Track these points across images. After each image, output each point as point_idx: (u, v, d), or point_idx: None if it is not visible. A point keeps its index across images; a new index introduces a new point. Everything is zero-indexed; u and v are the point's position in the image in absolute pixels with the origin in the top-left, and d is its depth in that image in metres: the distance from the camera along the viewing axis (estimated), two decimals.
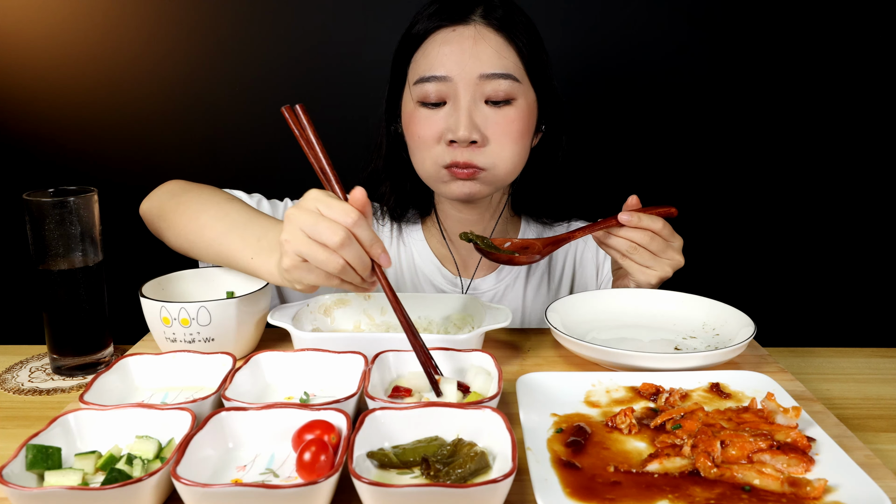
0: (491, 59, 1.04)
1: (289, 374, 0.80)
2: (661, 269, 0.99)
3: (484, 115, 1.05)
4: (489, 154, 1.05)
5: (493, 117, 1.05)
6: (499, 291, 1.23)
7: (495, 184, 1.09)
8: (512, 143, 1.06)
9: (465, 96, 1.04)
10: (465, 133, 1.02)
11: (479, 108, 1.05)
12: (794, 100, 1.64)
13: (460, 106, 1.04)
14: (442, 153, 1.06)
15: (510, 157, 1.07)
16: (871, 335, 1.74)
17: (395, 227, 1.26)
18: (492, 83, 1.04)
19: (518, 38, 1.06)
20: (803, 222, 1.70)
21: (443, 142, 1.05)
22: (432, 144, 1.07)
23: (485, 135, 1.05)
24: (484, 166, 1.06)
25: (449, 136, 1.04)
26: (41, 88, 1.64)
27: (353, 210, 0.76)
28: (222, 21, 1.61)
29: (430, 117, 1.06)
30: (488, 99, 1.05)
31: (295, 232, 0.77)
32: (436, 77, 1.05)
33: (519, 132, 1.06)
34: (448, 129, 1.04)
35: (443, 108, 1.06)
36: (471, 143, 1.04)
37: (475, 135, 1.03)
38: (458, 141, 1.03)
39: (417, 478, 0.62)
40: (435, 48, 1.06)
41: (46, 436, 0.64)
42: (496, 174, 1.07)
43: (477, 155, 1.05)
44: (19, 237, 1.03)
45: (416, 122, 1.08)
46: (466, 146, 1.04)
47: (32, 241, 0.89)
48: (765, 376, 0.79)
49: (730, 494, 0.59)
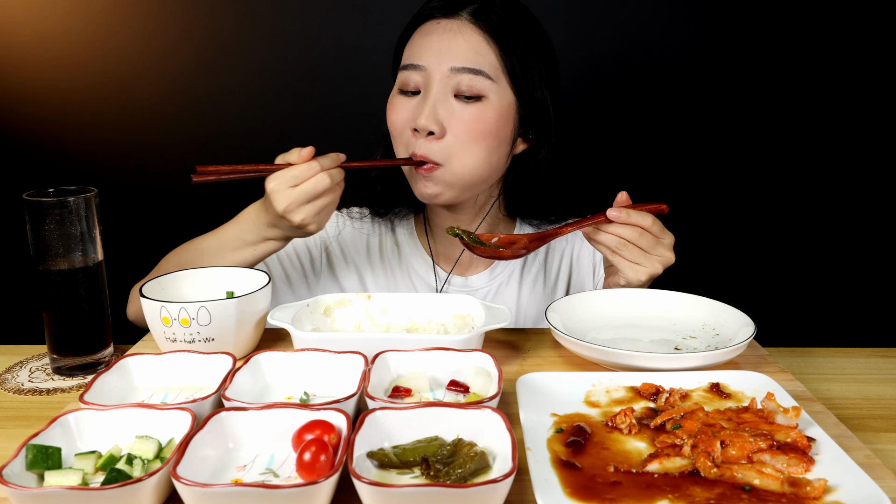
0: (465, 54, 1.05)
1: (289, 374, 0.80)
2: (651, 266, 0.99)
3: (450, 109, 1.06)
4: (445, 147, 1.06)
5: (458, 112, 1.06)
6: (492, 289, 1.23)
7: (455, 184, 1.09)
8: (472, 140, 1.06)
9: (435, 87, 1.06)
10: (425, 122, 1.04)
11: (447, 100, 1.06)
12: (793, 99, 1.64)
13: (429, 96, 1.06)
14: (409, 143, 1.08)
15: (468, 155, 1.07)
16: (871, 335, 1.74)
17: (385, 223, 1.26)
18: (462, 77, 1.05)
19: (504, 39, 1.06)
20: (803, 222, 1.70)
21: (408, 130, 1.08)
22: (402, 131, 1.09)
23: (444, 127, 1.05)
24: (439, 161, 1.06)
25: (411, 124, 1.06)
26: (41, 88, 1.64)
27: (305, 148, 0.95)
28: (222, 21, 1.61)
29: (403, 104, 1.09)
30: (458, 93, 1.06)
31: (278, 187, 0.94)
32: (413, 66, 1.08)
33: (482, 131, 1.06)
34: (412, 118, 1.07)
35: (417, 97, 1.08)
36: (429, 134, 1.05)
37: (434, 125, 1.04)
38: (417, 129, 1.05)
39: (417, 478, 0.62)
40: (419, 38, 1.09)
41: (46, 436, 0.64)
42: (453, 171, 1.07)
43: (433, 147, 1.06)
44: (19, 237, 1.03)
45: (392, 108, 1.11)
46: (425, 137, 1.06)
47: (32, 241, 0.89)
48: (765, 376, 0.79)
49: (730, 494, 0.59)
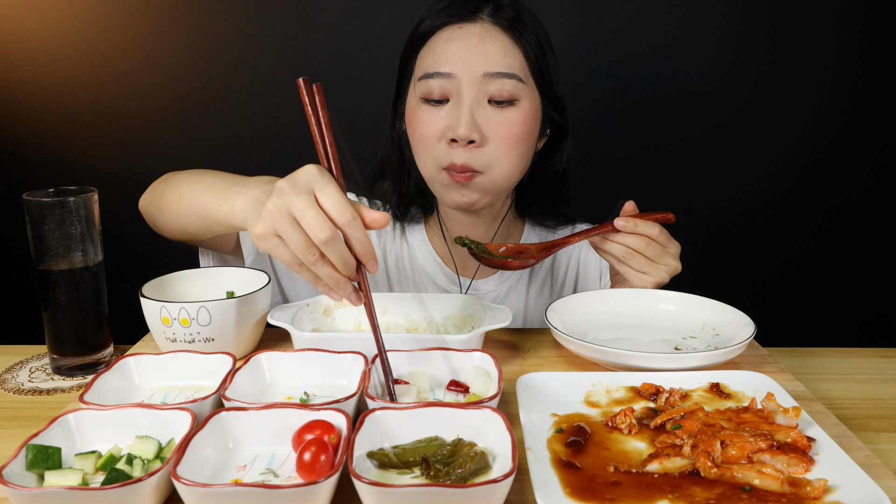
0: (496, 58, 1.03)
1: (289, 374, 0.80)
2: (657, 274, 0.99)
3: (486, 115, 1.04)
4: (486, 155, 1.05)
5: (494, 118, 1.04)
6: (501, 293, 1.23)
7: (492, 191, 1.08)
8: (511, 147, 1.05)
9: (468, 94, 1.03)
10: (465, 131, 1.02)
11: (481, 107, 1.04)
12: (794, 100, 1.64)
13: (463, 104, 1.03)
14: (442, 153, 1.05)
15: (507, 162, 1.06)
16: (871, 335, 1.74)
17: (397, 225, 1.26)
18: (496, 82, 1.03)
19: (525, 39, 1.05)
20: (803, 222, 1.70)
21: (443, 140, 1.05)
22: (433, 143, 1.06)
23: (484, 135, 1.04)
24: (480, 169, 1.05)
25: (449, 135, 1.03)
26: (41, 88, 1.64)
27: (349, 209, 0.73)
28: (223, 21, 1.61)
29: (432, 114, 1.05)
30: (492, 98, 1.04)
31: (281, 207, 0.73)
32: (440, 73, 1.04)
33: (519, 136, 1.06)
34: (449, 127, 1.04)
35: (445, 106, 1.05)
36: (469, 142, 1.03)
37: (475, 134, 1.02)
38: (457, 139, 1.02)
39: (417, 478, 0.62)
40: (441, 45, 1.05)
41: (46, 436, 0.64)
42: (492, 178, 1.06)
43: (474, 156, 1.04)
44: (19, 237, 1.03)
45: (419, 120, 1.07)
46: (465, 146, 1.03)
47: (32, 241, 0.89)
48: (765, 376, 0.79)
49: (730, 494, 0.59)
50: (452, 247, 1.24)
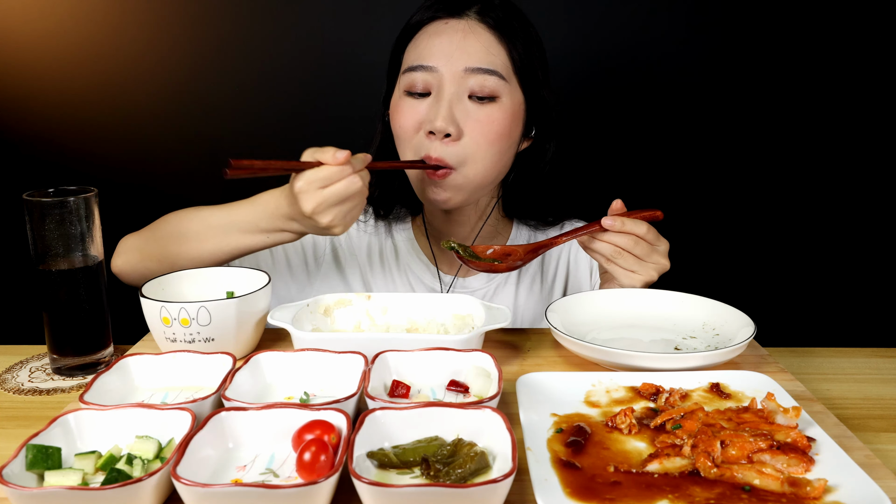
0: (479, 54, 1.04)
1: (289, 374, 0.80)
2: (646, 273, 0.99)
3: (465, 110, 1.05)
4: (462, 150, 1.05)
5: (473, 113, 1.05)
6: (489, 291, 1.23)
7: (466, 188, 1.08)
8: (487, 143, 1.06)
9: (449, 88, 1.04)
10: (442, 124, 1.03)
11: (461, 101, 1.05)
12: (793, 99, 1.64)
13: (443, 97, 1.04)
14: (419, 145, 1.07)
15: (482, 158, 1.06)
16: (871, 335, 1.74)
17: (383, 223, 1.26)
18: (477, 77, 1.04)
19: (511, 38, 1.06)
20: (802, 222, 1.70)
21: (422, 132, 1.06)
22: (412, 134, 1.07)
23: (461, 129, 1.05)
24: (455, 164, 1.05)
25: (426, 126, 1.05)
26: (41, 88, 1.64)
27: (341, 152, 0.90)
28: (223, 21, 1.61)
29: (413, 106, 1.07)
30: (472, 94, 1.05)
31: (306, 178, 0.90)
32: (423, 67, 1.06)
33: (497, 133, 1.06)
34: (427, 119, 1.05)
35: (427, 99, 1.06)
36: (446, 136, 1.04)
37: (451, 127, 1.03)
38: (434, 132, 1.04)
39: (417, 478, 0.62)
40: (426, 39, 1.07)
41: (46, 436, 0.64)
42: (466, 175, 1.07)
43: (450, 150, 1.05)
44: (19, 237, 1.04)
45: (400, 111, 1.09)
46: (441, 139, 1.04)
47: (32, 241, 0.89)
48: (765, 376, 0.79)
49: (730, 494, 0.59)
50: (436, 245, 1.24)
